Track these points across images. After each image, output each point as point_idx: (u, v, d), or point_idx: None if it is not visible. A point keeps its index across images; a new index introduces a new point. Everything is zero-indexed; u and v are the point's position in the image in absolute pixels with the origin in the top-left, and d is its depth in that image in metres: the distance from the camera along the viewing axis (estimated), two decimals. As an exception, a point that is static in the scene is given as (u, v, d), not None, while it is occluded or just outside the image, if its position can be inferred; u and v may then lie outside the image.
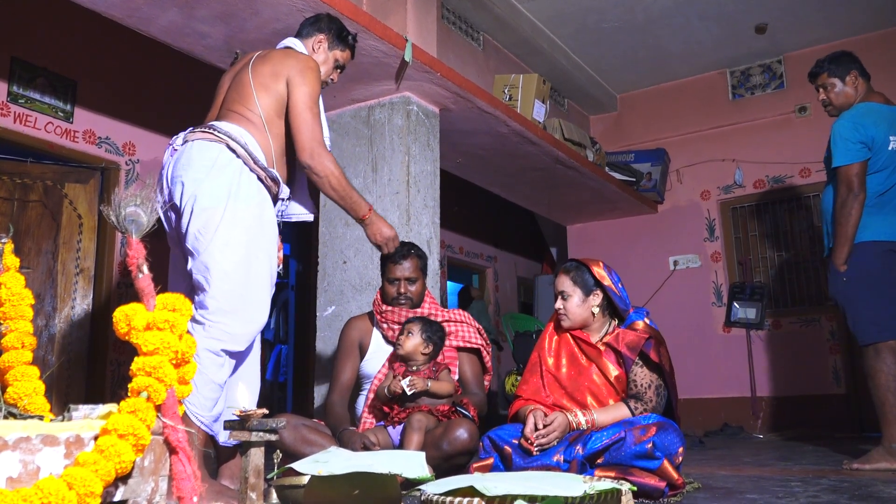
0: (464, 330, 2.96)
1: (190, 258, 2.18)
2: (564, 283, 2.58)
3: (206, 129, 2.24)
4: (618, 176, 6.00)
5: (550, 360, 2.61)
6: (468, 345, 2.93)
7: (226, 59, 3.37)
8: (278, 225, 2.37)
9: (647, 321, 2.54)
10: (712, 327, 6.03)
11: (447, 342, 2.87)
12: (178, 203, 2.20)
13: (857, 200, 2.97)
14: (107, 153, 4.33)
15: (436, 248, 3.91)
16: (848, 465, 2.93)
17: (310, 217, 2.58)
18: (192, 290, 2.19)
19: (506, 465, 2.41)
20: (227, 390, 2.23)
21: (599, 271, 2.56)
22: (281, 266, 2.40)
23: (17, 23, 3.99)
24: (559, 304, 2.59)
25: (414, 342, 2.70)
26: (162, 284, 1.38)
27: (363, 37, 3.29)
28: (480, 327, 3.03)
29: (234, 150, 2.20)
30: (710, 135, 6.32)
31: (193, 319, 2.10)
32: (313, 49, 2.56)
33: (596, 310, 2.55)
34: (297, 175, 2.53)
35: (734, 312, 5.80)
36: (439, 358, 2.79)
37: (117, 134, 4.40)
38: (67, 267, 4.16)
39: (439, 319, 2.90)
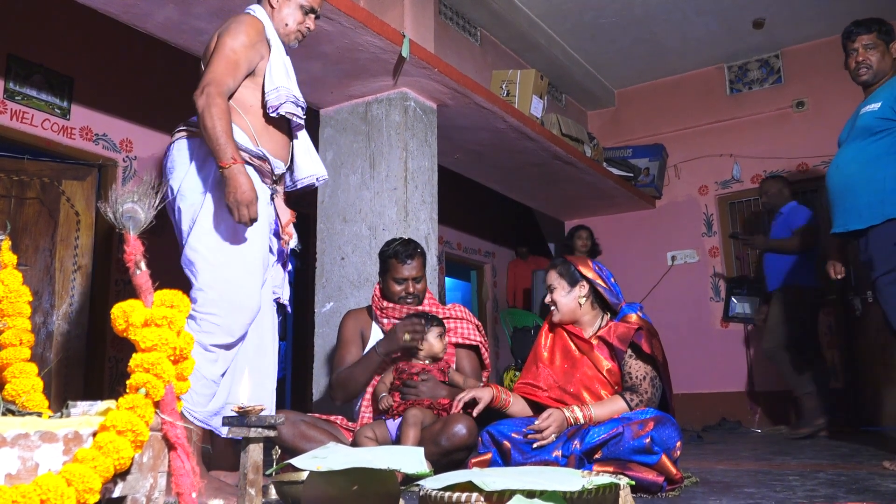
0: (463, 326, 2.96)
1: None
2: (551, 276, 2.67)
3: (185, 127, 2.28)
4: (615, 171, 6.00)
5: (545, 355, 2.68)
6: (467, 341, 2.94)
7: (223, 55, 3.36)
8: (291, 196, 2.40)
9: (640, 314, 2.56)
10: (710, 322, 6.04)
11: (446, 338, 2.88)
12: (171, 204, 2.25)
13: None
14: (104, 150, 4.32)
15: (434, 244, 3.91)
16: (891, 465, 2.66)
17: (314, 178, 2.49)
18: None
19: (504, 460, 2.42)
20: (233, 385, 2.23)
21: (585, 267, 2.64)
22: (294, 240, 2.40)
23: (13, 19, 3.97)
24: (548, 297, 2.67)
25: (445, 342, 2.79)
26: (160, 281, 1.38)
27: (360, 32, 3.29)
28: (479, 324, 3.04)
29: None
30: (708, 130, 6.32)
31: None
32: (272, 6, 2.44)
33: (583, 300, 2.60)
34: (294, 142, 2.50)
35: (732, 307, 5.81)
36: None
37: (114, 130, 4.39)
38: (65, 264, 4.16)
39: (440, 316, 2.90)
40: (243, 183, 2.09)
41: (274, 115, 2.31)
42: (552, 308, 2.66)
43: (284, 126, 2.44)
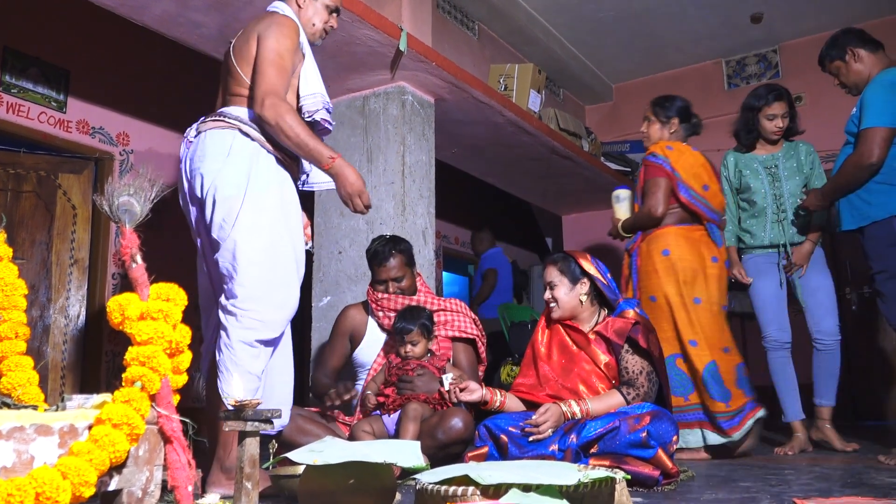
0: (459, 320, 2.96)
1: (216, 248, 2.13)
2: (552, 273, 2.65)
3: (217, 118, 2.20)
4: (613, 166, 5.99)
5: (543, 351, 2.68)
6: (463, 335, 2.94)
7: (220, 48, 3.35)
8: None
9: (637, 310, 2.57)
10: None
11: (443, 332, 2.88)
12: (198, 195, 2.16)
13: (871, 170, 2.79)
14: (100, 143, 4.31)
15: (431, 238, 3.91)
16: (886, 459, 2.69)
17: (332, 185, 2.43)
18: (219, 279, 2.16)
19: (501, 453, 2.42)
20: (266, 381, 2.21)
21: (586, 262, 2.62)
22: (310, 243, 2.37)
23: (9, 12, 3.96)
24: (548, 294, 2.66)
25: (422, 347, 2.73)
26: (156, 274, 1.38)
27: (358, 26, 3.28)
28: (476, 317, 3.04)
29: (247, 134, 2.16)
30: (706, 124, 6.25)
31: (226, 311, 2.06)
32: (299, 5, 2.43)
33: (584, 298, 2.60)
34: None
35: (730, 303, 5.80)
36: (435, 348, 2.81)
37: (111, 124, 4.38)
38: (62, 257, 4.15)
39: (434, 309, 2.90)
40: (351, 174, 2.22)
41: (309, 119, 2.27)
42: (552, 305, 2.64)
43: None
